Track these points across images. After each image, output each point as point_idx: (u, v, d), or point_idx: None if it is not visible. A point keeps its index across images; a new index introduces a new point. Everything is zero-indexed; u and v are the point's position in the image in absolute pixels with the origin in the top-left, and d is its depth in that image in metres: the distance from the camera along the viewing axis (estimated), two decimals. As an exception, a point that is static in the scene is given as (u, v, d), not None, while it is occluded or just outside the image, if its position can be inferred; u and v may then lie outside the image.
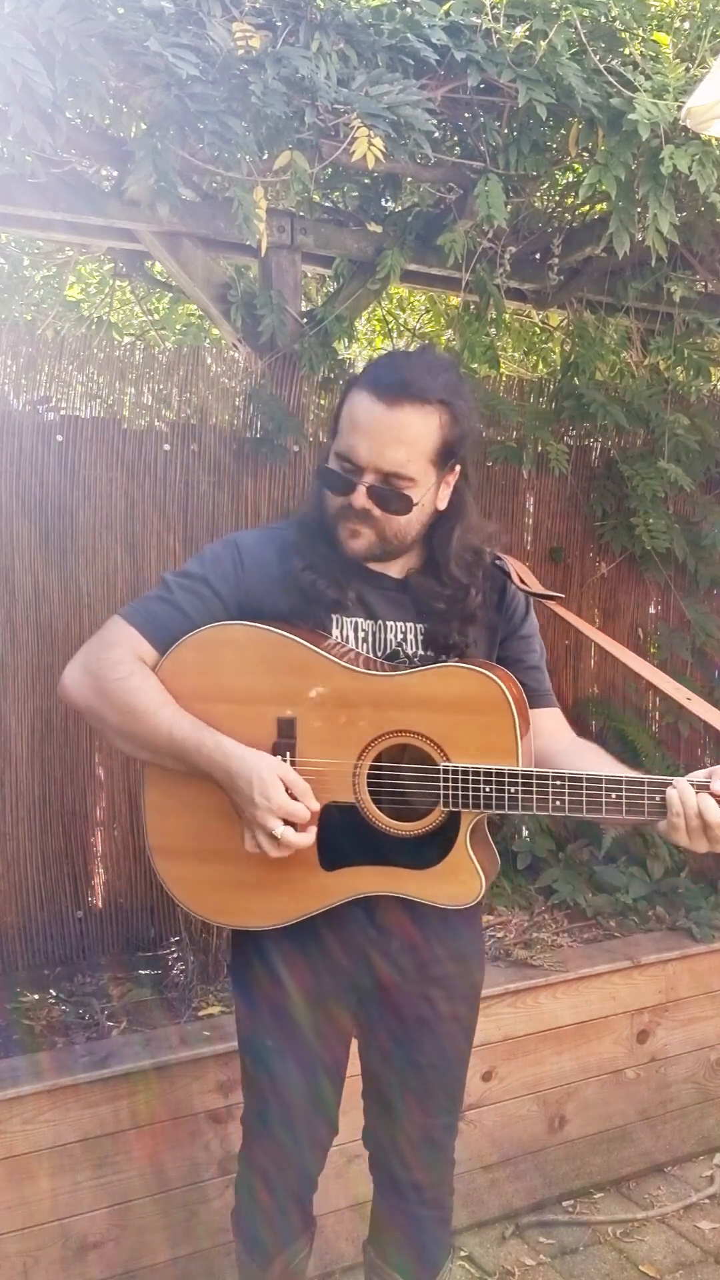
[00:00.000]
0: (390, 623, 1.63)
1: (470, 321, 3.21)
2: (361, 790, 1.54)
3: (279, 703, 1.55)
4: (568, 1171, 2.71)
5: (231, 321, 2.89)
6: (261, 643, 1.56)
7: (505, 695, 1.51)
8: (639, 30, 2.52)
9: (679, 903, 3.11)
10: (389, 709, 1.53)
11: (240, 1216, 1.82)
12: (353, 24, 2.30)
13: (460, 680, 1.53)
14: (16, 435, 2.67)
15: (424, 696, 1.53)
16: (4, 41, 1.91)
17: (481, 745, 1.51)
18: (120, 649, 1.57)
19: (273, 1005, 1.67)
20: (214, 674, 1.57)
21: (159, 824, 1.62)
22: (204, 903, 1.63)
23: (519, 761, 1.51)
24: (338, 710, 1.54)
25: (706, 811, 1.42)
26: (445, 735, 1.52)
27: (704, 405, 3.66)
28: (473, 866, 1.54)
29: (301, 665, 1.55)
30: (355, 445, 1.52)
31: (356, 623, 1.61)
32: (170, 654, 1.58)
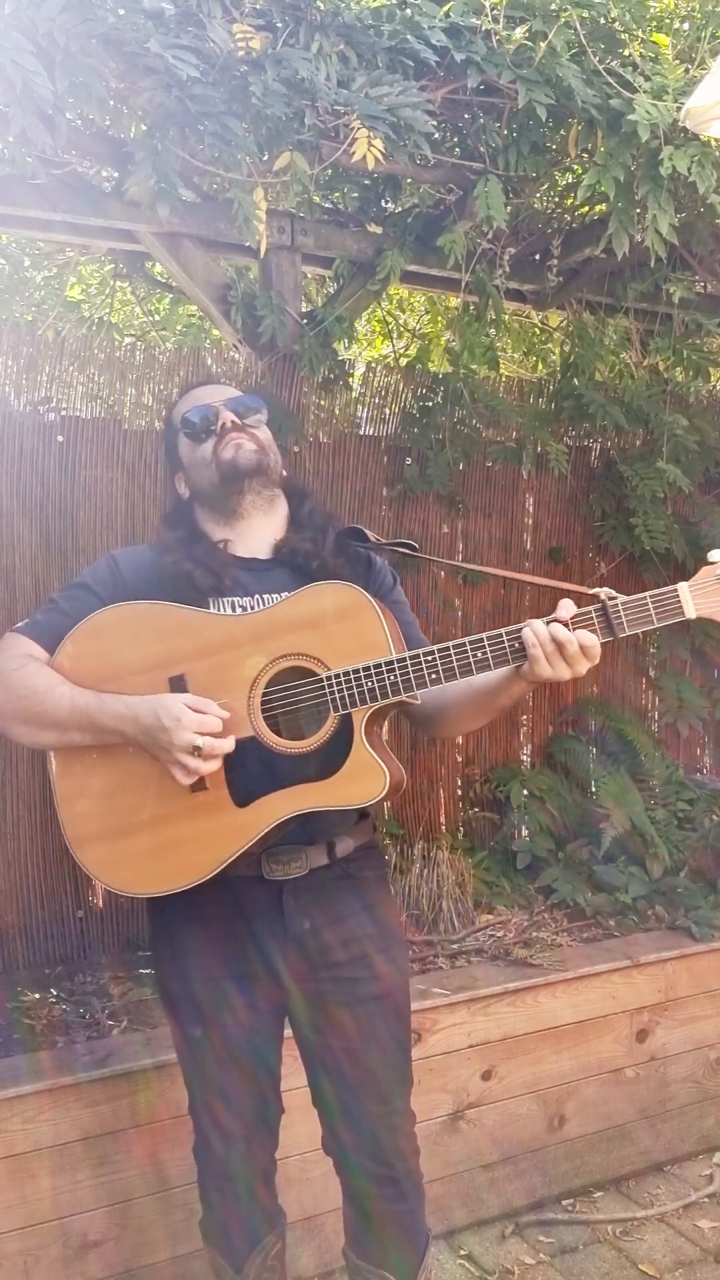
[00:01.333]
0: (266, 596, 1.72)
1: (470, 322, 3.22)
2: (257, 721, 1.61)
3: (167, 665, 1.63)
4: (567, 1170, 2.71)
5: (232, 322, 2.90)
6: (140, 615, 1.67)
7: (365, 596, 1.63)
8: (638, 31, 2.53)
9: (678, 902, 3.11)
10: (265, 640, 1.62)
11: (208, 1220, 1.83)
12: (353, 25, 2.31)
13: (322, 594, 1.64)
14: (17, 435, 2.68)
15: (295, 619, 1.63)
16: (4, 43, 1.92)
17: (356, 646, 1.61)
18: (10, 650, 1.68)
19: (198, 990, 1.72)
20: (102, 656, 1.66)
21: (72, 814, 1.67)
22: (130, 877, 1.66)
23: (391, 651, 1.60)
24: (221, 655, 1.63)
25: (556, 633, 1.57)
26: (322, 648, 1.61)
27: (703, 406, 3.67)
28: (374, 761, 1.60)
29: (180, 626, 1.65)
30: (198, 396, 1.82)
31: (234, 601, 1.71)
32: (59, 650, 1.68)
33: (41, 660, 1.68)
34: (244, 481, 1.75)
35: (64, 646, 1.67)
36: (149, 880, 1.65)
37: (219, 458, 1.75)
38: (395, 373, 3.33)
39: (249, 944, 1.71)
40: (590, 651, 1.59)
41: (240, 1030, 1.72)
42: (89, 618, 1.68)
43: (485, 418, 3.28)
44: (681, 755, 3.71)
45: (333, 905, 1.73)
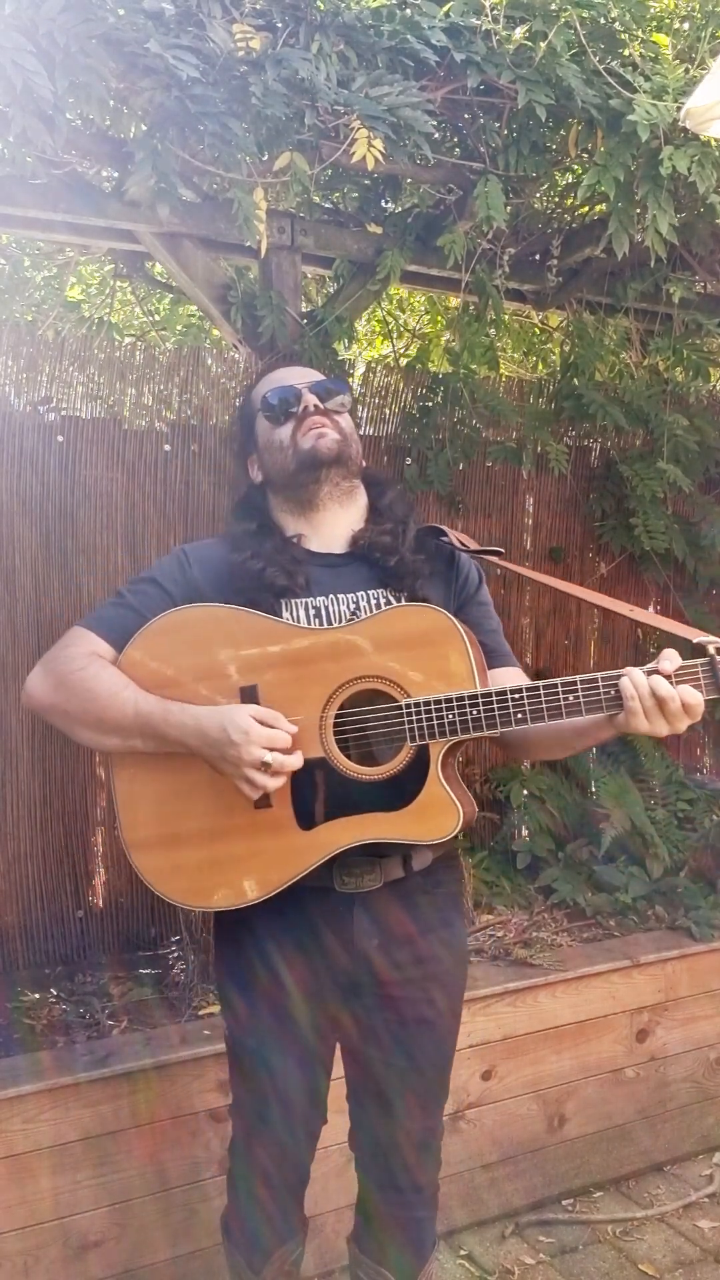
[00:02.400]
0: (340, 595, 1.66)
1: (470, 322, 3.22)
2: (329, 742, 1.55)
3: (238, 674, 1.58)
4: (567, 1170, 2.71)
5: (232, 322, 2.90)
6: (213, 619, 1.60)
7: (453, 623, 1.55)
8: (638, 31, 2.52)
9: (678, 902, 3.11)
10: (345, 659, 1.56)
11: (235, 1217, 1.80)
12: (353, 25, 2.30)
13: (408, 617, 1.57)
14: (17, 435, 2.68)
15: (376, 640, 1.55)
16: (5, 43, 1.92)
17: (438, 675, 1.54)
18: (76, 648, 1.62)
19: (255, 1004, 1.68)
20: (172, 658, 1.60)
21: (131, 818, 1.62)
22: (186, 889, 1.61)
23: (476, 685, 1.54)
24: (296, 669, 1.56)
25: (658, 688, 1.48)
26: (402, 674, 1.54)
27: (703, 406, 3.67)
28: (448, 798, 1.54)
29: (254, 634, 1.58)
30: (282, 377, 1.76)
31: (307, 603, 1.64)
32: (127, 648, 1.62)
33: (107, 658, 1.61)
34: (321, 471, 1.68)
35: (132, 646, 1.61)
36: (203, 894, 1.60)
37: (297, 444, 1.68)
38: (395, 373, 3.33)
39: (317, 956, 1.65)
40: (693, 710, 1.49)
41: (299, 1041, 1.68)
42: (160, 617, 1.61)
43: (485, 418, 3.28)
44: (681, 755, 3.71)
45: (404, 922, 1.66)
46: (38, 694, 1.64)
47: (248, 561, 1.63)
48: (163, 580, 1.66)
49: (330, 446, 1.67)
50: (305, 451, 1.67)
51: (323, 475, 1.68)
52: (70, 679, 1.59)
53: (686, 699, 1.49)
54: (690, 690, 1.49)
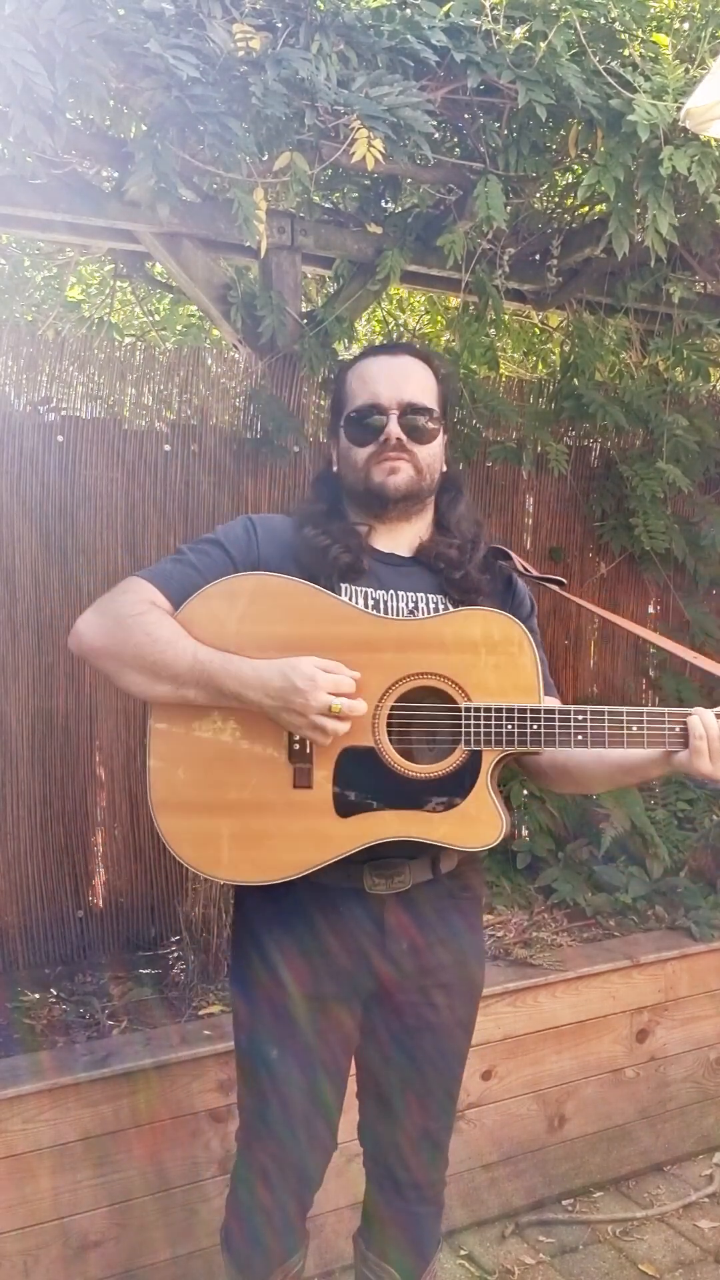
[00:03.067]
0: (401, 592, 1.63)
1: (470, 322, 3.22)
2: (381, 733, 1.52)
3: (297, 649, 1.52)
4: (567, 1170, 2.71)
5: (232, 322, 2.90)
6: (281, 591, 1.56)
7: (524, 633, 1.53)
8: (638, 31, 2.53)
9: (678, 902, 3.11)
10: (410, 652, 1.52)
11: (238, 1228, 1.76)
12: (353, 25, 2.30)
13: (481, 621, 1.53)
14: (17, 435, 2.68)
15: (445, 639, 1.52)
16: (5, 43, 1.92)
17: (503, 684, 1.51)
18: (136, 594, 1.57)
19: (275, 1009, 1.64)
20: (231, 622, 1.55)
21: (164, 776, 1.57)
22: (209, 858, 1.56)
23: (540, 699, 1.52)
24: (358, 655, 1.52)
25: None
26: (466, 676, 1.51)
27: (703, 406, 3.67)
28: (494, 807, 1.52)
29: (322, 612, 1.54)
30: (376, 390, 1.64)
31: (366, 592, 1.61)
32: (188, 603, 1.57)
33: (164, 610, 1.56)
34: (389, 506, 1.65)
35: (193, 603, 1.56)
36: (222, 865, 1.56)
37: (370, 475, 1.63)
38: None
39: (343, 959, 1.62)
40: None
41: (316, 1046, 1.65)
42: (228, 579, 1.57)
43: (485, 418, 3.28)
44: (681, 755, 3.71)
45: (431, 926, 1.65)
46: (90, 635, 1.56)
47: (315, 537, 1.61)
48: (227, 544, 1.62)
49: (400, 486, 1.63)
50: (376, 485, 1.63)
51: (390, 508, 1.65)
52: (128, 621, 1.53)
53: None
54: None
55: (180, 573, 1.60)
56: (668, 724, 1.48)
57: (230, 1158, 2.24)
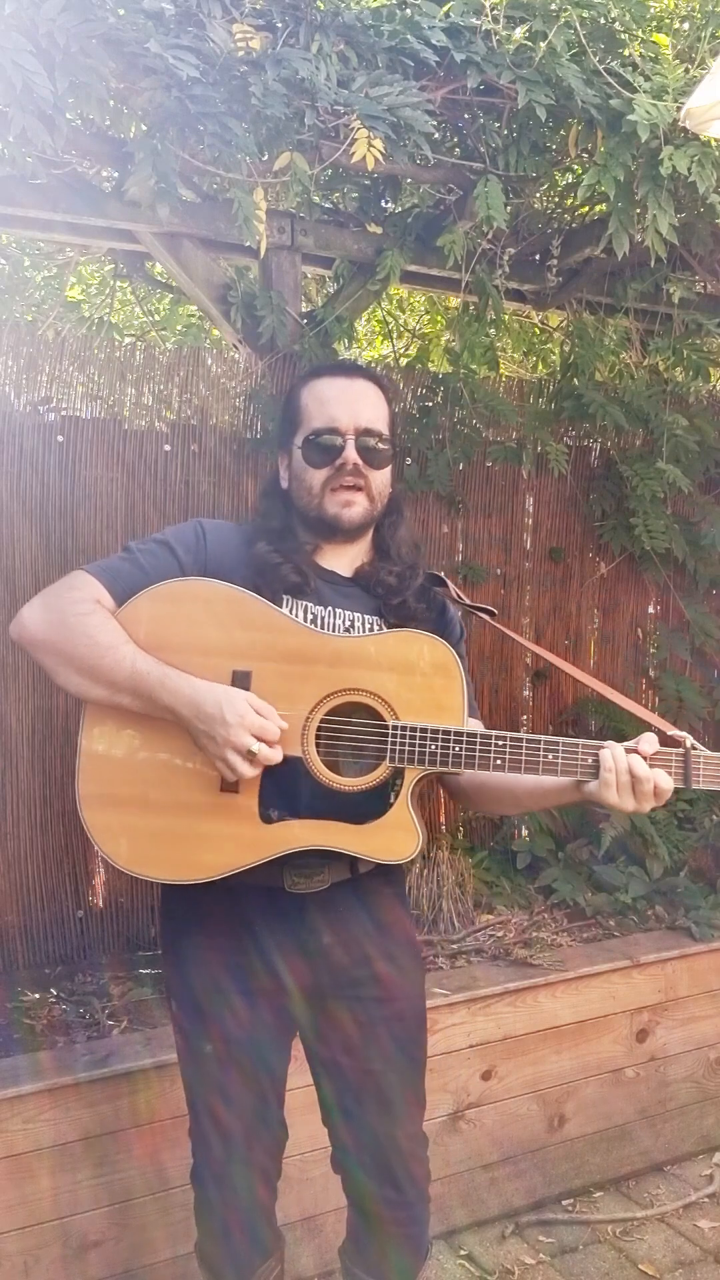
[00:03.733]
0: (339, 610, 1.68)
1: (470, 322, 3.22)
2: (309, 744, 1.57)
3: (235, 656, 1.58)
4: (567, 1170, 2.71)
5: (232, 322, 2.90)
6: (221, 598, 1.60)
7: (455, 659, 1.59)
8: (638, 31, 2.53)
9: (678, 902, 3.12)
10: (343, 668, 1.57)
11: (206, 1246, 1.77)
12: (353, 25, 2.30)
13: (414, 644, 1.59)
14: (17, 435, 2.68)
15: (377, 657, 1.58)
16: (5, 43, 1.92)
17: (429, 705, 1.57)
18: (81, 591, 1.59)
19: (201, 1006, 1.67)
20: (172, 625, 1.59)
21: (95, 770, 1.60)
22: (131, 853, 1.60)
23: (463, 722, 1.57)
24: (293, 666, 1.57)
25: (636, 767, 1.52)
26: (395, 694, 1.57)
27: (703, 406, 3.67)
28: (412, 823, 1.57)
29: (262, 621, 1.59)
30: (334, 414, 1.67)
31: (307, 606, 1.65)
32: (130, 603, 1.59)
33: (108, 609, 1.59)
34: (339, 536, 1.70)
35: (137, 602, 1.59)
36: (147, 862, 1.59)
37: (323, 504, 1.67)
38: (395, 373, 3.33)
39: (266, 957, 1.66)
40: (662, 795, 1.53)
41: (249, 1044, 1.68)
42: (172, 581, 1.60)
43: (485, 418, 3.28)
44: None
45: (353, 921, 1.69)
46: (33, 627, 1.58)
47: (268, 554, 1.64)
48: (175, 545, 1.65)
49: (354, 518, 1.67)
50: (329, 516, 1.67)
51: (337, 537, 1.70)
52: (71, 620, 1.55)
53: (660, 783, 1.53)
54: (664, 775, 1.53)
55: (127, 571, 1.62)
56: (581, 754, 1.55)
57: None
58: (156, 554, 1.64)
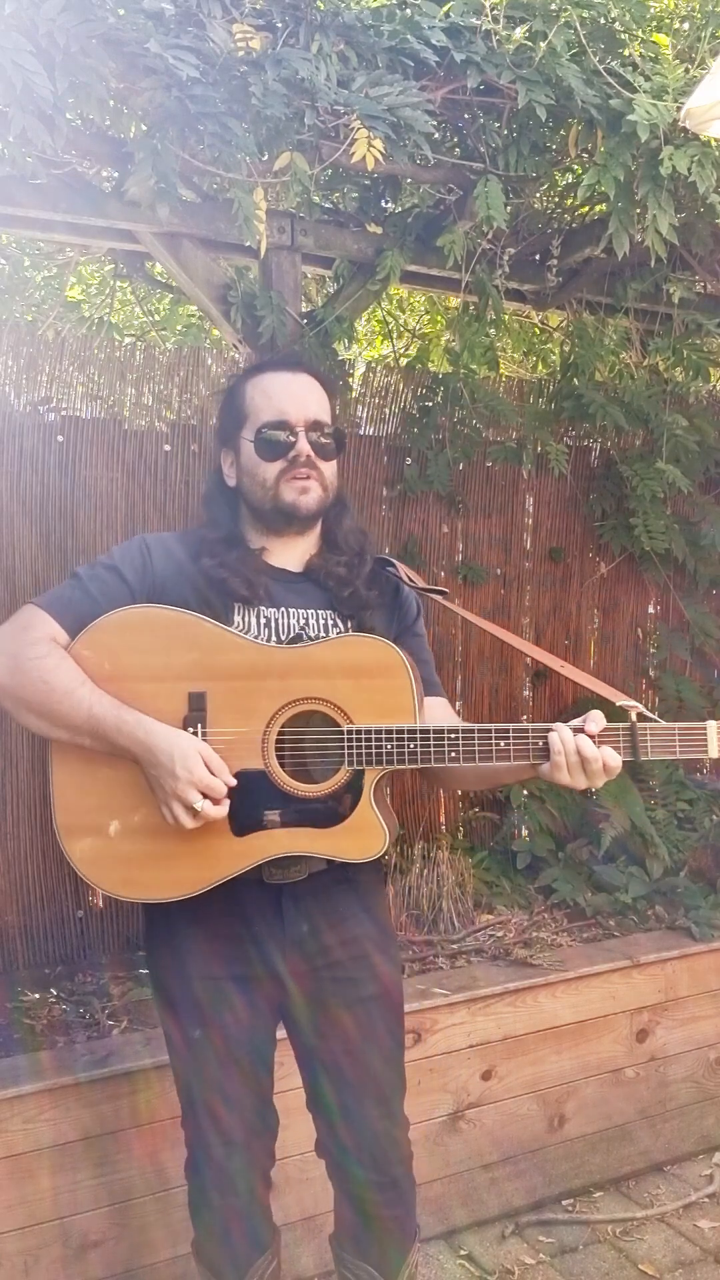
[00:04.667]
0: (292, 609, 1.71)
1: (470, 322, 3.22)
2: (270, 756, 1.61)
3: (189, 678, 1.62)
4: (567, 1170, 2.71)
5: (232, 322, 2.90)
6: (170, 622, 1.64)
7: (401, 659, 1.62)
8: (638, 31, 2.53)
9: (678, 902, 3.12)
10: (293, 678, 1.62)
11: (203, 1242, 1.78)
12: (353, 25, 2.30)
13: (359, 648, 1.64)
14: (17, 436, 2.68)
15: (326, 665, 1.62)
16: (4, 43, 1.92)
17: (382, 707, 1.62)
18: (35, 631, 1.62)
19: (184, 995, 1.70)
20: (125, 654, 1.63)
21: (67, 802, 1.65)
22: (115, 878, 1.65)
23: (417, 720, 1.62)
24: (246, 682, 1.62)
25: (583, 748, 1.58)
26: (347, 700, 1.62)
27: (703, 406, 3.67)
28: (377, 821, 1.62)
29: (209, 642, 1.63)
30: (283, 408, 1.70)
31: (260, 610, 1.69)
32: (83, 635, 1.63)
33: (63, 644, 1.62)
34: (294, 523, 1.73)
35: (90, 634, 1.63)
36: (133, 885, 1.65)
37: (279, 493, 1.70)
38: (395, 373, 3.33)
39: (248, 946, 1.70)
40: (611, 770, 1.59)
41: (240, 1032, 1.70)
42: (120, 611, 1.63)
43: (485, 418, 3.28)
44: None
45: (332, 907, 1.72)
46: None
47: (213, 569, 1.67)
48: (123, 569, 1.67)
49: (311, 505, 1.71)
50: (286, 504, 1.70)
51: (294, 525, 1.73)
52: (27, 666, 1.59)
53: (608, 760, 1.59)
54: (611, 752, 1.59)
55: (77, 601, 1.65)
56: (531, 739, 1.60)
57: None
58: (105, 580, 1.66)
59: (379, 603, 1.77)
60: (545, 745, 1.60)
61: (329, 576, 1.74)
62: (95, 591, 1.65)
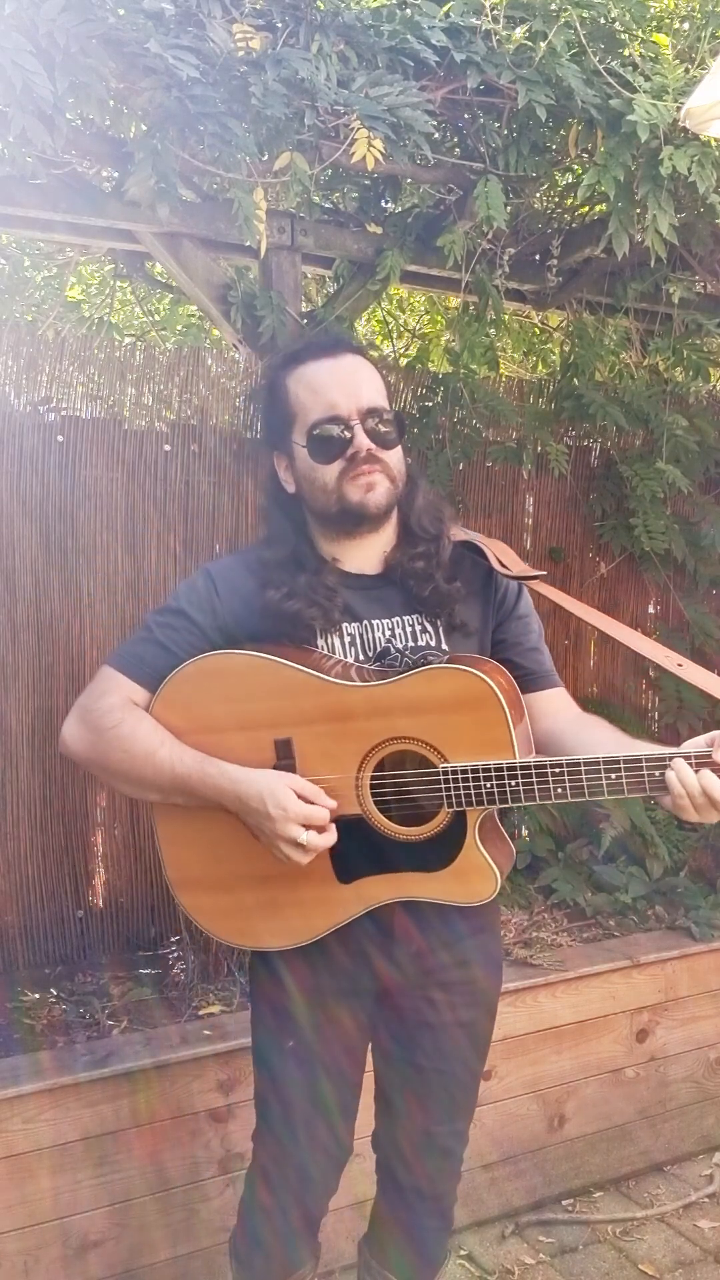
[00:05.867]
0: (375, 621, 1.61)
1: (470, 322, 3.22)
2: (366, 801, 1.54)
3: (274, 726, 1.55)
4: (567, 1170, 2.71)
5: (232, 322, 2.90)
6: (249, 668, 1.56)
7: (493, 689, 1.50)
8: (638, 31, 2.53)
9: (678, 902, 3.12)
10: (382, 717, 1.53)
11: (241, 1232, 1.77)
12: (353, 25, 2.30)
13: (447, 680, 1.52)
14: (17, 435, 2.68)
15: (414, 701, 1.52)
16: (4, 43, 1.92)
17: (477, 741, 1.51)
18: (111, 696, 1.57)
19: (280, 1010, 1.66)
20: (206, 705, 1.57)
21: (175, 857, 1.63)
22: (228, 928, 1.64)
23: (515, 753, 1.50)
24: (332, 725, 1.54)
25: (709, 788, 1.42)
26: (440, 736, 1.52)
27: (703, 406, 3.67)
28: (485, 863, 1.54)
29: (291, 686, 1.54)
30: (332, 400, 1.55)
31: (342, 629, 1.60)
32: (160, 692, 1.58)
33: (141, 704, 1.57)
34: (366, 523, 1.59)
35: (165, 690, 1.57)
36: (245, 935, 1.63)
37: (344, 493, 1.55)
38: (395, 373, 3.33)
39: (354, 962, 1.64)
40: None
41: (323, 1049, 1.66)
42: (195, 661, 1.56)
43: (485, 418, 3.28)
44: (681, 755, 3.71)
45: (436, 930, 1.64)
46: (75, 747, 1.60)
47: (283, 602, 1.56)
48: (191, 611, 1.59)
49: (380, 501, 1.56)
50: (354, 505, 1.55)
51: (364, 526, 1.60)
52: (106, 735, 1.55)
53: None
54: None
55: (151, 655, 1.58)
56: (646, 771, 1.46)
57: (230, 1158, 2.25)
58: (175, 626, 1.59)
59: (467, 593, 1.63)
60: (662, 779, 1.44)
61: (407, 575, 1.60)
62: (167, 641, 1.58)
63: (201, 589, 1.61)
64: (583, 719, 1.71)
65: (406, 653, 1.59)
